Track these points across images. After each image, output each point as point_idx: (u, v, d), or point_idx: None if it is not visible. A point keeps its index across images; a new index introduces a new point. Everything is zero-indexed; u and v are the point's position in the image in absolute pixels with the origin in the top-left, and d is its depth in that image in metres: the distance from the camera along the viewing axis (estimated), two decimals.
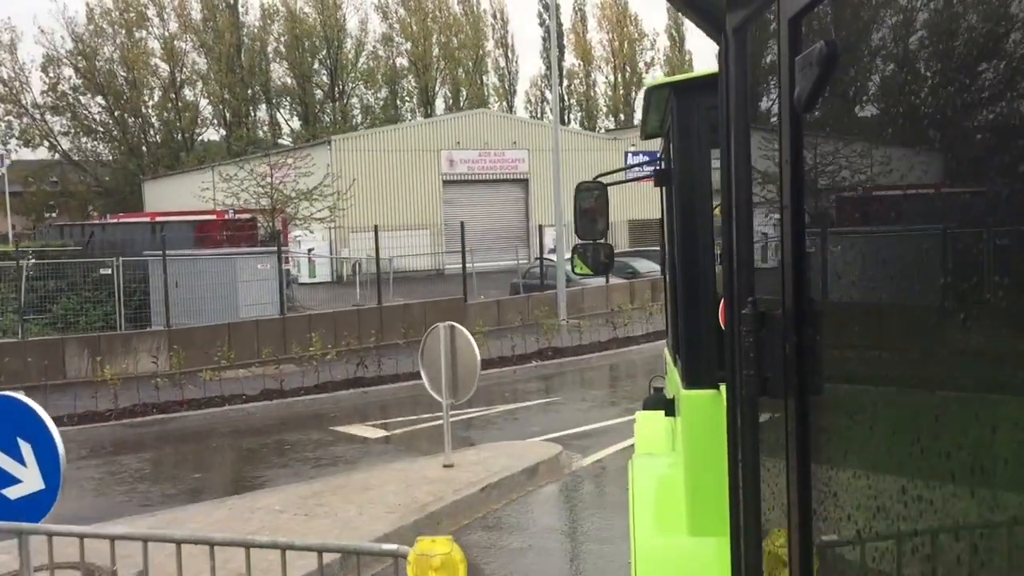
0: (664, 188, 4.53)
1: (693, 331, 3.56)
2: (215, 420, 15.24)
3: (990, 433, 1.05)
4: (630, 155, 53.06)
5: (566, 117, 78.69)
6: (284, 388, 16.39)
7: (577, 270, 5.46)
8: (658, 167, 4.75)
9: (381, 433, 13.87)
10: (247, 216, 32.84)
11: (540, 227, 28.90)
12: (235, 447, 13.95)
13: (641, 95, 5.25)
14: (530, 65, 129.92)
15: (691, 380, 3.47)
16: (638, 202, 52.41)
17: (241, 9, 72.78)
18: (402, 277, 36.70)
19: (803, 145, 1.65)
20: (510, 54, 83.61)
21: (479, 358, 10.68)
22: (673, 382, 4.12)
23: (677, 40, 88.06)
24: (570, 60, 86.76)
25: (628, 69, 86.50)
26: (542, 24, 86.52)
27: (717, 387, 3.33)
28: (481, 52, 78.90)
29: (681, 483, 3.52)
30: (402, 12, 75.28)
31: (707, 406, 3.32)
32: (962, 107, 1.13)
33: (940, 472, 1.15)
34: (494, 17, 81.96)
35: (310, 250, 41.08)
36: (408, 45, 75.22)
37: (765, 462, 1.98)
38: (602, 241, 4.90)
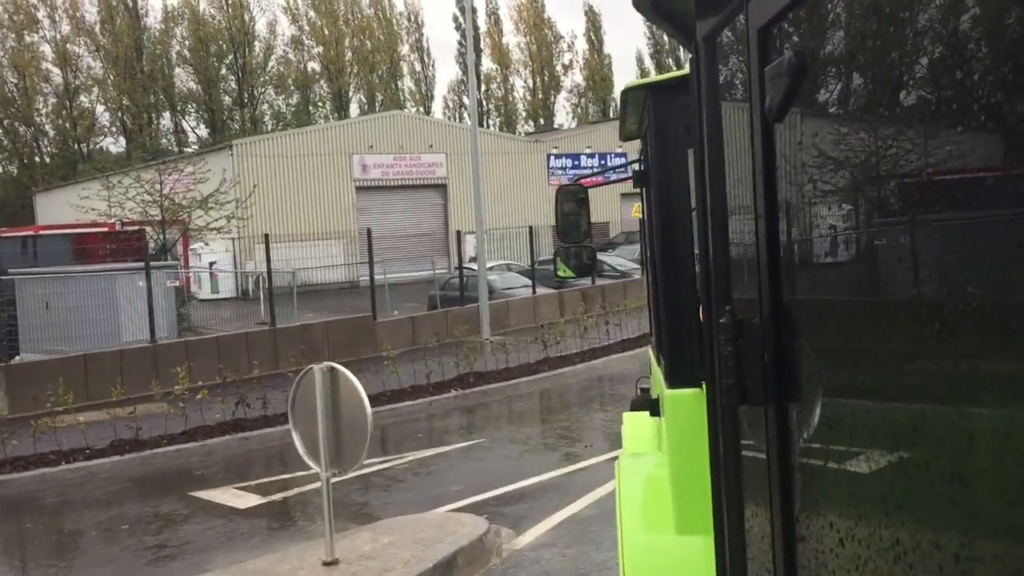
0: (644, 189, 4.39)
1: (674, 331, 3.53)
2: (45, 485, 11.77)
3: (968, 440, 1.05)
4: (552, 158, 50.42)
5: (485, 122, 75.84)
6: (141, 437, 12.94)
7: (560, 273, 5.23)
8: (638, 168, 4.68)
9: (255, 500, 10.57)
10: (134, 228, 29.17)
11: (459, 233, 25.66)
12: (53, 529, 10.48)
13: (618, 96, 5.09)
14: (447, 70, 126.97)
15: (674, 379, 3.46)
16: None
17: (142, 11, 68.20)
18: (314, 291, 33.37)
19: (775, 154, 1.64)
20: (426, 58, 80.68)
21: (370, 412, 7.50)
22: (657, 382, 4.09)
23: (596, 44, 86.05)
24: (487, 64, 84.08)
25: (546, 73, 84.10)
26: (458, 28, 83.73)
27: (700, 386, 3.30)
28: (396, 56, 75.65)
29: (667, 482, 3.52)
30: (312, 15, 71.67)
31: (690, 405, 3.31)
32: (932, 114, 1.14)
33: (919, 478, 1.15)
34: (409, 20, 78.94)
35: (212, 263, 37.46)
36: (320, 49, 71.61)
37: (747, 469, 1.96)
38: (585, 243, 4.85)
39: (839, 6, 1.45)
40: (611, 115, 75.65)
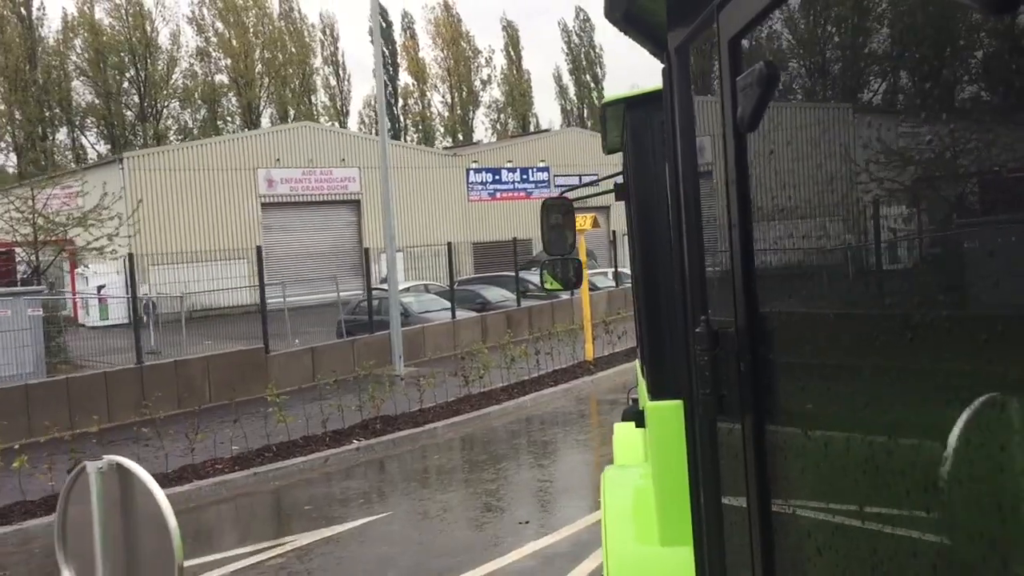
0: (626, 202, 4.22)
1: (656, 343, 3.50)
2: None
3: (943, 449, 1.04)
4: (472, 172, 47.65)
5: (403, 138, 72.82)
6: None
7: (547, 286, 5.10)
8: (619, 181, 4.67)
9: None
10: (2, 250, 25.55)
11: (366, 251, 22.62)
12: None
13: (598, 110, 4.74)
14: (365, 86, 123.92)
15: (656, 391, 3.41)
16: (481, 222, 47.60)
17: (37, 21, 63.47)
18: (220, 315, 29.89)
19: (747, 164, 1.64)
20: (342, 72, 77.21)
21: (178, 540, 4.52)
22: (642, 393, 4.04)
23: (515, 59, 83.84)
24: (405, 79, 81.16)
25: (464, 88, 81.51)
26: (374, 41, 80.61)
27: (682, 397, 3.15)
28: (309, 69, 72.13)
29: (650, 493, 3.46)
30: (220, 25, 67.74)
31: (672, 416, 3.07)
32: (903, 122, 1.15)
33: (897, 488, 1.16)
34: (324, 34, 75.40)
35: (100, 287, 33.68)
36: (228, 61, 67.71)
37: (725, 479, 1.95)
38: (571, 256, 4.79)
39: (809, 16, 1.45)
40: (531, 130, 73.37)
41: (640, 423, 4.21)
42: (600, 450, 12.53)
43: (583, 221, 18.83)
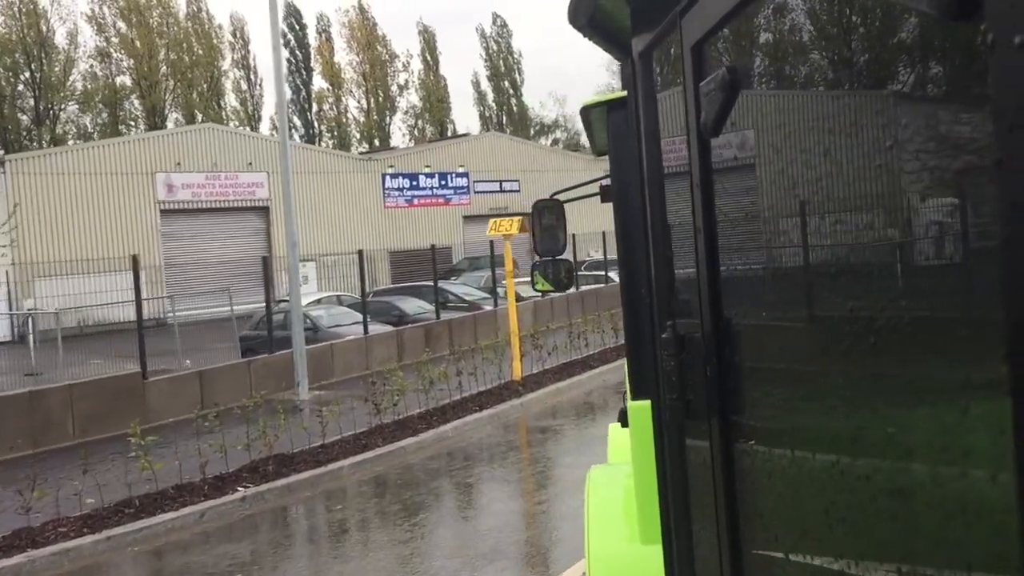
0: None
1: (637, 343, 3.45)
2: None
3: (907, 451, 1.05)
4: (388, 178, 45.25)
5: (318, 144, 69.87)
6: None
7: (538, 287, 4.89)
8: (605, 183, 4.69)
9: None
10: None
11: (264, 259, 20.10)
12: None
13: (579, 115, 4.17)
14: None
15: (637, 391, 3.44)
16: (398, 229, 45.17)
17: None
18: (116, 330, 26.95)
19: (712, 169, 1.64)
20: (253, 76, 73.86)
21: None
22: (628, 393, 3.95)
23: (432, 64, 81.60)
24: (319, 84, 78.24)
25: (381, 93, 78.94)
26: (287, 44, 77.52)
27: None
28: (217, 72, 68.69)
29: (631, 492, 3.46)
30: (121, 25, 63.94)
31: (650, 416, 3.01)
32: (865, 128, 1.15)
33: (862, 489, 1.15)
34: (234, 36, 71.98)
35: None
36: (130, 62, 63.96)
37: (693, 482, 1.95)
38: (562, 257, 4.79)
39: (770, 22, 1.44)
40: (449, 134, 71.12)
41: (625, 423, 4.12)
42: (535, 495, 10.43)
43: (508, 225, 16.72)
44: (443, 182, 47.19)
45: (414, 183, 46.01)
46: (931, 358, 1.02)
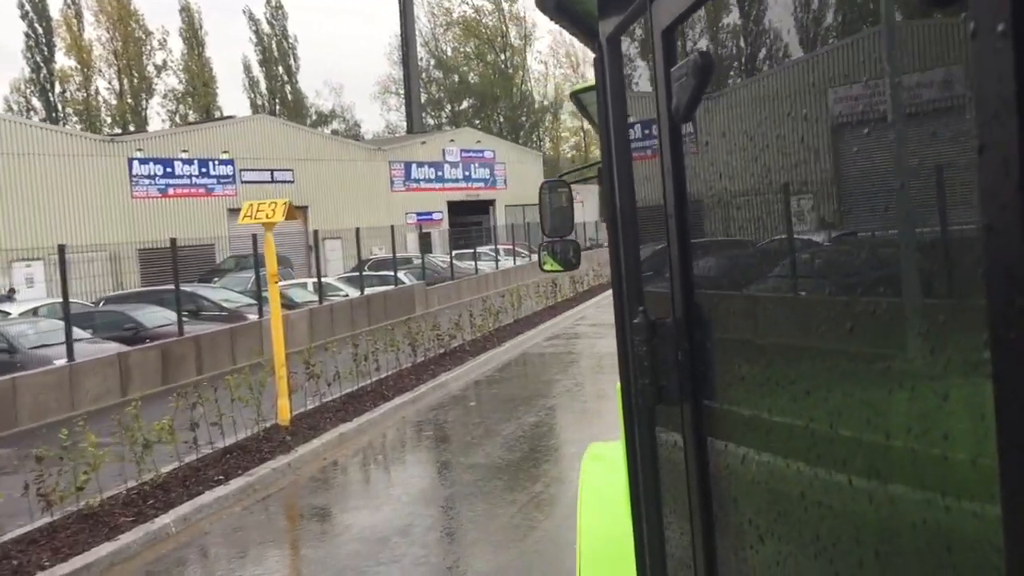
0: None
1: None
2: None
3: (884, 436, 1.04)
4: (136, 163, 38.55)
5: (63, 127, 60.88)
6: None
7: (546, 267, 4.82)
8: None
9: None
10: None
11: None
12: None
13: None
14: (13, 69, 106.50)
15: None
16: (150, 223, 38.51)
17: None
18: None
19: (683, 154, 1.64)
20: None
21: None
22: None
23: (196, 45, 73.86)
24: (64, 62, 68.85)
25: (135, 74, 70.49)
26: (24, 16, 67.67)
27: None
28: None
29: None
30: None
31: (622, 399, 3.12)
32: (838, 110, 1.14)
33: (836, 474, 1.15)
34: None
35: None
36: None
37: (664, 467, 1.95)
38: (569, 238, 4.75)
39: (742, 5, 1.43)
40: (216, 117, 63.98)
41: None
42: None
43: (269, 211, 11.89)
44: (204, 170, 40.94)
45: (168, 170, 39.52)
46: (908, 342, 1.01)
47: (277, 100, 79.20)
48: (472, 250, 37.18)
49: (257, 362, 15.09)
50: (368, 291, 26.85)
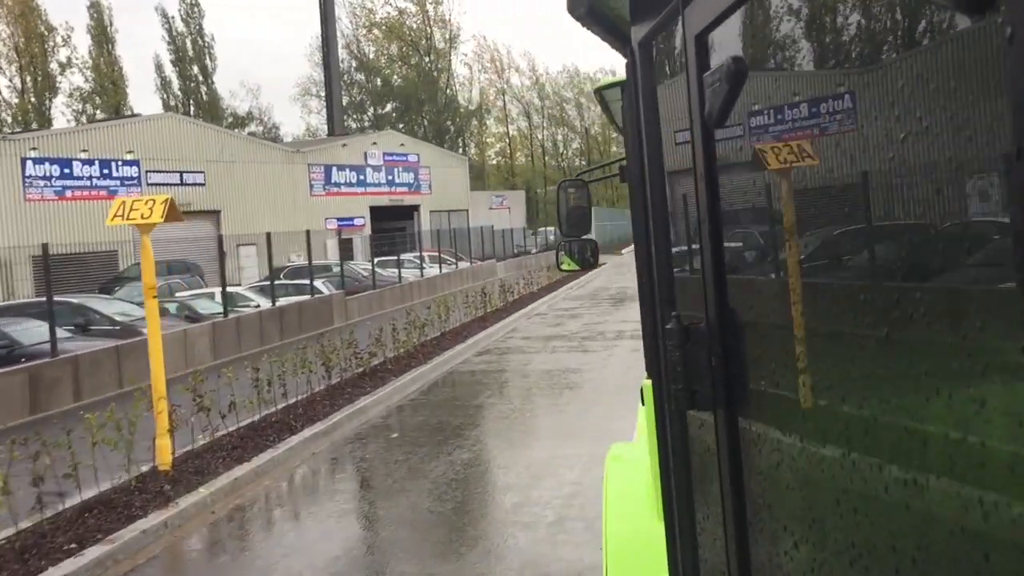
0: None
1: (651, 322, 3.32)
2: None
3: (921, 442, 1.03)
4: (31, 163, 35.51)
5: None
6: None
7: (564, 267, 4.86)
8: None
9: None
10: None
11: None
12: None
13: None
14: None
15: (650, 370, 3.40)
16: (46, 227, 35.40)
17: None
18: None
19: (715, 159, 1.62)
20: None
21: None
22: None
23: (105, 43, 70.14)
24: None
25: (39, 72, 66.54)
26: None
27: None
28: None
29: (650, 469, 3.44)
30: None
31: (654, 402, 3.13)
32: (874, 114, 1.13)
33: (872, 482, 1.13)
34: None
35: None
36: None
37: (696, 472, 1.93)
38: (587, 237, 4.71)
39: (778, 11, 1.41)
40: (122, 115, 60.53)
41: (644, 401, 4.13)
42: None
43: (146, 209, 9.75)
44: (106, 171, 37.99)
45: (67, 171, 36.51)
46: (944, 348, 0.99)
47: (191, 101, 75.82)
48: (395, 257, 35.02)
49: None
50: (282, 301, 24.62)
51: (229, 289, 27.05)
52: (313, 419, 12.66)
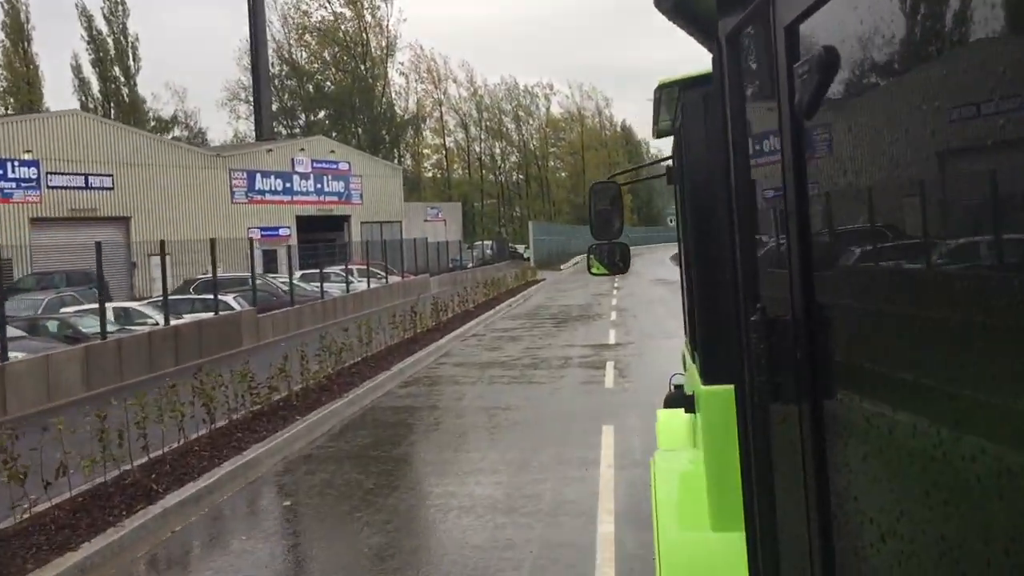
0: (678, 186, 4.32)
1: (710, 328, 3.39)
2: None
3: (1015, 434, 1.01)
4: None
5: None
6: None
7: (594, 271, 4.81)
8: (671, 165, 4.71)
9: None
10: None
11: None
12: None
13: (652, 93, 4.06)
14: None
15: (709, 376, 3.32)
16: None
17: None
18: None
19: (805, 151, 1.62)
20: None
21: None
22: (692, 378, 3.95)
23: (22, 40, 65.90)
24: None
25: None
26: None
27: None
28: None
29: (702, 479, 3.40)
30: None
31: (725, 402, 3.03)
32: (970, 107, 1.10)
33: (964, 475, 1.12)
34: None
35: None
36: None
37: (778, 466, 1.92)
38: (617, 240, 4.64)
39: (868, 1, 1.37)
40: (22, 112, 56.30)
41: (690, 408, 4.03)
42: None
43: None
44: (0, 172, 34.31)
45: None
46: None
47: (111, 104, 71.63)
48: (317, 271, 31.89)
49: None
50: (186, 319, 21.45)
51: (124, 305, 23.83)
52: (182, 479, 9.71)
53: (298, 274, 36.47)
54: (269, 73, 69.30)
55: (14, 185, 34.67)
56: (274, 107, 74.31)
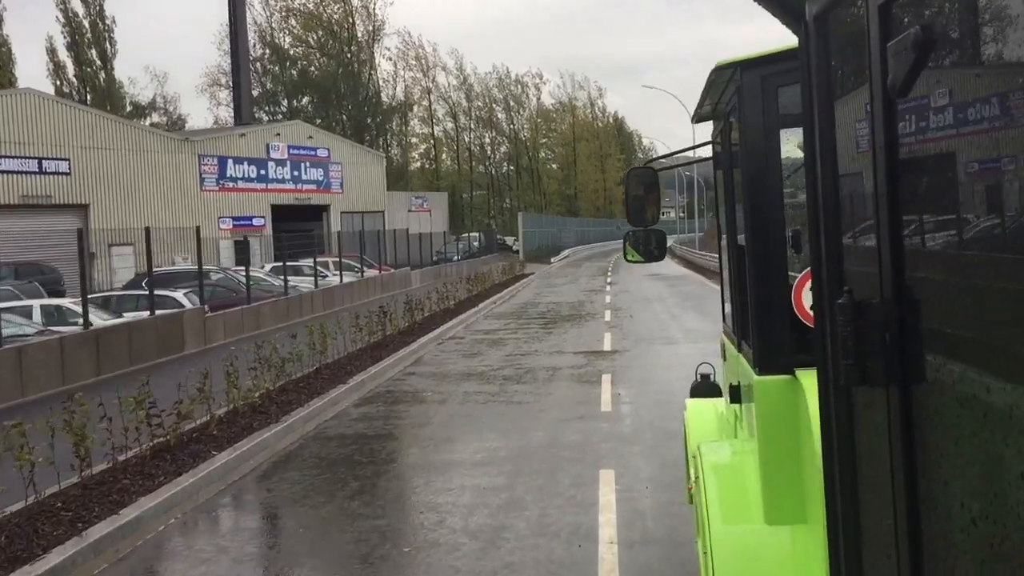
0: (723, 171, 4.16)
1: (764, 316, 3.29)
2: None
3: None
4: None
5: None
6: None
7: (629, 258, 4.66)
8: (718, 150, 4.53)
9: None
10: None
11: None
12: None
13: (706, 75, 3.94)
14: None
15: (764, 366, 3.23)
16: None
17: None
18: None
19: (897, 131, 1.58)
20: None
21: None
22: (735, 368, 3.89)
23: None
24: None
25: None
26: None
27: (791, 373, 3.17)
28: None
29: (751, 470, 3.35)
30: None
31: (781, 392, 3.14)
32: None
33: None
34: None
35: None
36: None
37: (862, 451, 1.89)
38: (654, 228, 4.49)
39: None
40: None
41: (735, 398, 3.92)
42: None
43: None
44: None
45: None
46: None
47: (87, 88, 68.45)
48: (283, 264, 28.96)
49: None
50: (113, 320, 18.59)
51: (54, 301, 20.92)
52: (26, 556, 6.90)
53: (268, 267, 33.60)
54: (250, 56, 66.20)
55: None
56: (256, 92, 71.22)
